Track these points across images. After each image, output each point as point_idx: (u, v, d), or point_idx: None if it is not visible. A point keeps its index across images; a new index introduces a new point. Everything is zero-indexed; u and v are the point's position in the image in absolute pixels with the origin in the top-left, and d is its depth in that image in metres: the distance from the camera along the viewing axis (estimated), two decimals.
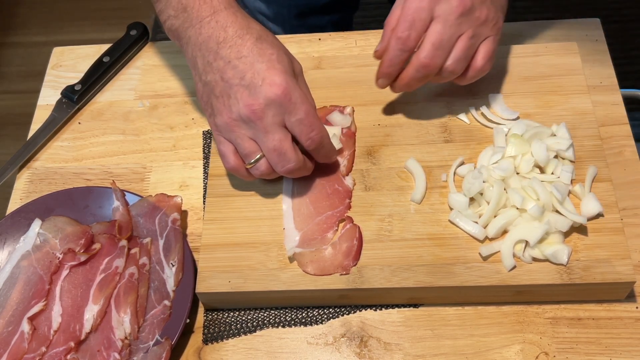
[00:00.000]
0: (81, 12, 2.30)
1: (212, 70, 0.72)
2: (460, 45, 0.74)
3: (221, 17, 0.72)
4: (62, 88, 0.93)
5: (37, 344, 0.72)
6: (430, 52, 0.73)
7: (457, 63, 0.74)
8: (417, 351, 0.71)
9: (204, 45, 0.72)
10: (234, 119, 0.71)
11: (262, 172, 0.74)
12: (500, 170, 0.75)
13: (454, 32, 0.73)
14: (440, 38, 0.72)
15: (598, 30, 0.92)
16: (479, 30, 0.74)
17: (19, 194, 0.87)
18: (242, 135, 0.72)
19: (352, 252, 0.73)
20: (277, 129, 0.70)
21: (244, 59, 0.70)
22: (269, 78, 0.69)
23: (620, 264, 0.70)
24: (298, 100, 0.70)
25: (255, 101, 0.69)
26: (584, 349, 0.70)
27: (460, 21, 0.73)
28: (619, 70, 0.89)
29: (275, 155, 0.72)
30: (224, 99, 0.71)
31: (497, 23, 0.76)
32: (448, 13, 0.72)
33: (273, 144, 0.71)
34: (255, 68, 0.70)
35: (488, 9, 0.74)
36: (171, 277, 0.75)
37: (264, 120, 0.70)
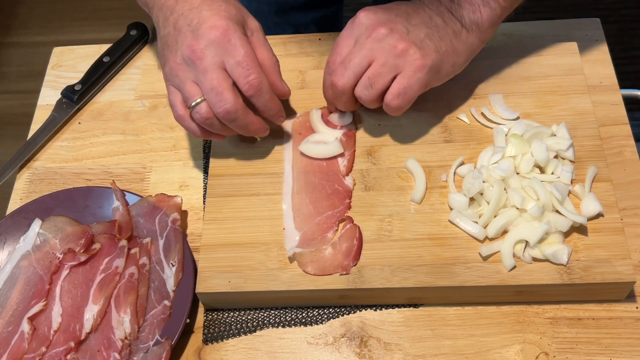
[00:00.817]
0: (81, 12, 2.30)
1: (168, 24, 0.75)
2: (368, 73, 0.73)
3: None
4: (62, 88, 0.93)
5: (37, 344, 0.72)
6: (339, 71, 0.74)
7: (362, 89, 0.74)
8: (417, 351, 0.71)
9: (165, 4, 0.76)
10: (178, 63, 0.73)
11: (202, 116, 0.74)
12: (500, 170, 0.75)
13: (365, 55, 0.73)
14: (350, 58, 0.73)
15: (598, 30, 0.92)
16: (394, 61, 0.72)
17: (19, 194, 0.87)
18: (185, 79, 0.74)
19: (352, 252, 0.73)
20: (216, 69, 0.72)
21: (194, 9, 0.74)
22: (211, 21, 0.72)
23: (620, 264, 0.70)
24: (237, 42, 0.72)
25: (196, 42, 0.72)
26: (584, 349, 0.70)
27: (374, 46, 0.72)
28: (619, 70, 0.89)
29: (213, 95, 0.72)
30: (172, 46, 0.74)
31: (422, 59, 0.72)
32: (363, 37, 0.73)
33: (211, 83, 0.72)
34: (202, 14, 0.73)
35: (409, 42, 0.72)
36: (171, 277, 0.75)
37: (203, 60, 0.72)
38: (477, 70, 0.85)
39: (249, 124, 0.75)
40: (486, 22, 0.76)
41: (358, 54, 0.73)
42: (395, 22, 0.73)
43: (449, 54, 0.75)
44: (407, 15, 0.74)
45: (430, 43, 0.74)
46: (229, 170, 0.81)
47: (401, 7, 0.75)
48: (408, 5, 0.76)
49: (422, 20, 0.74)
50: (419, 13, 0.75)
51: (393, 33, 0.72)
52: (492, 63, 0.86)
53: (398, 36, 0.72)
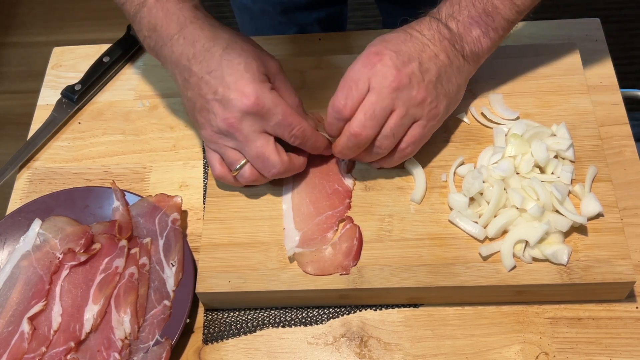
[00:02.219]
0: (81, 12, 2.30)
1: (189, 87, 0.73)
2: (390, 123, 0.72)
3: (188, 32, 0.73)
4: (62, 88, 0.93)
5: (37, 344, 0.72)
6: (362, 122, 0.71)
7: (384, 139, 0.73)
8: (417, 351, 0.71)
9: (178, 63, 0.74)
10: (215, 132, 0.73)
11: (248, 178, 0.75)
12: (500, 170, 0.75)
13: (387, 106, 0.71)
14: (373, 109, 0.71)
15: (598, 30, 0.92)
16: (413, 110, 0.72)
17: (19, 194, 0.87)
18: (225, 147, 0.74)
19: (352, 252, 0.73)
20: (257, 137, 0.72)
21: (214, 72, 0.71)
22: (239, 90, 0.70)
23: (620, 264, 0.70)
24: (271, 105, 0.71)
25: (231, 114, 0.71)
26: (584, 349, 0.70)
27: (395, 96, 0.71)
28: (619, 70, 0.89)
29: (259, 162, 0.73)
30: (204, 113, 0.73)
31: (436, 108, 0.73)
32: (383, 86, 0.70)
33: (255, 152, 0.72)
34: (225, 81, 0.71)
35: (427, 91, 0.72)
36: (171, 277, 0.75)
37: (242, 131, 0.71)
38: (477, 70, 0.85)
39: (296, 169, 0.77)
40: (485, 52, 0.75)
41: (381, 103, 0.70)
42: (410, 67, 0.71)
43: (454, 93, 0.75)
44: (419, 57, 0.72)
45: (442, 88, 0.73)
46: None
47: (409, 46, 0.72)
48: (413, 42, 0.73)
49: (432, 61, 0.72)
50: (426, 53, 0.72)
51: (411, 83, 0.71)
52: (492, 63, 0.86)
53: (416, 86, 0.71)
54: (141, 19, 0.75)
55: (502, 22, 0.74)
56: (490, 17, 0.74)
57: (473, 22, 0.74)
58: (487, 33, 0.74)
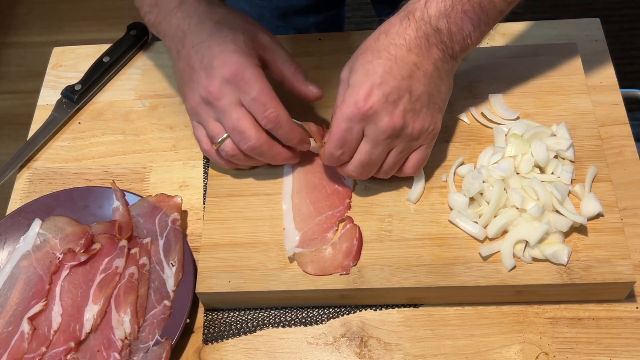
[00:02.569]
0: (81, 12, 2.30)
1: (181, 58, 0.75)
2: (390, 160, 0.73)
3: (186, 6, 0.75)
4: (62, 88, 0.93)
5: (37, 344, 0.72)
6: (359, 169, 0.73)
7: (385, 174, 0.74)
8: (417, 351, 0.71)
9: (174, 35, 0.75)
10: (197, 102, 0.74)
11: (228, 153, 0.75)
12: (500, 170, 0.75)
13: (383, 151, 0.71)
14: (369, 158, 0.71)
15: (598, 30, 0.92)
16: (411, 144, 0.72)
17: (19, 194, 0.87)
18: (207, 117, 0.74)
19: (352, 252, 0.73)
20: (235, 108, 0.72)
21: (203, 43, 0.73)
22: (222, 59, 0.71)
23: (620, 264, 0.70)
24: (251, 78, 0.71)
25: (211, 82, 0.72)
26: (584, 349, 0.70)
27: (390, 141, 0.71)
28: (619, 70, 0.88)
29: (235, 134, 0.73)
30: (189, 84, 0.74)
31: (434, 129, 0.73)
32: (377, 134, 0.70)
33: (232, 123, 0.72)
34: (212, 51, 0.72)
35: (422, 120, 0.71)
36: (171, 277, 0.75)
37: (221, 100, 0.72)
38: (477, 70, 0.85)
39: (276, 155, 0.76)
40: (473, 46, 0.73)
41: (375, 151, 0.71)
42: (402, 106, 0.69)
43: (445, 99, 0.74)
44: (409, 88, 0.69)
45: (434, 105, 0.72)
46: (229, 170, 0.81)
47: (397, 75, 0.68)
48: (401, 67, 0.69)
49: (421, 82, 0.69)
50: (414, 76, 0.69)
51: (405, 122, 0.70)
52: (492, 63, 0.86)
53: (411, 122, 0.70)
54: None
55: (495, 14, 0.71)
56: (485, 10, 0.70)
57: (466, 17, 0.69)
58: (478, 27, 0.71)
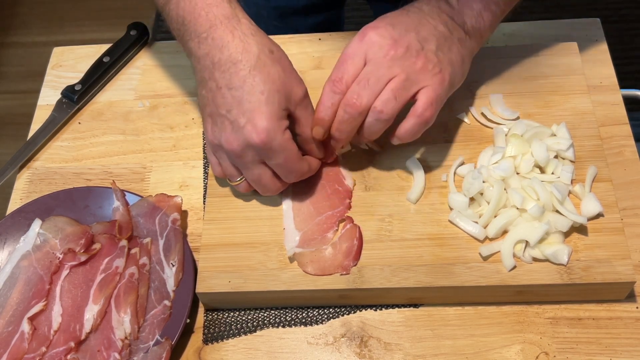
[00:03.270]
0: (81, 12, 2.30)
1: (206, 88, 0.72)
2: (390, 86, 0.69)
3: (217, 34, 0.70)
4: (62, 88, 0.93)
5: (37, 344, 0.72)
6: (356, 90, 0.69)
7: (385, 103, 0.69)
8: (417, 351, 0.71)
9: (202, 60, 0.71)
10: (216, 145, 0.73)
11: (245, 190, 0.77)
12: (500, 170, 0.75)
13: (384, 74, 0.69)
14: (368, 77, 0.69)
15: (598, 30, 0.92)
16: (415, 76, 0.69)
17: (19, 194, 0.87)
18: (225, 159, 0.74)
19: (352, 252, 0.73)
20: (256, 166, 0.72)
21: (234, 91, 0.69)
22: (252, 122, 0.68)
23: (620, 264, 0.70)
24: (278, 148, 0.69)
25: (235, 140, 0.70)
26: (584, 349, 0.70)
27: (392, 64, 0.69)
28: (619, 70, 0.89)
29: (255, 185, 0.75)
30: (211, 121, 0.72)
31: (441, 73, 0.70)
32: (379, 55, 0.69)
33: (252, 177, 0.74)
34: (242, 107, 0.68)
35: (427, 58, 0.70)
36: (171, 277, 0.75)
37: (242, 158, 0.71)
38: (477, 70, 0.85)
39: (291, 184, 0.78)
40: (487, 27, 0.74)
41: (376, 72, 0.69)
42: (407, 38, 0.70)
43: (459, 63, 0.73)
44: (416, 29, 0.71)
45: (443, 56, 0.71)
46: None
47: (406, 19, 0.72)
48: (411, 16, 0.72)
49: (430, 32, 0.71)
50: (424, 25, 0.72)
51: (410, 50, 0.69)
52: (492, 63, 0.86)
53: (415, 52, 0.69)
54: (169, 11, 0.73)
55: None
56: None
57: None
58: (488, 6, 0.73)
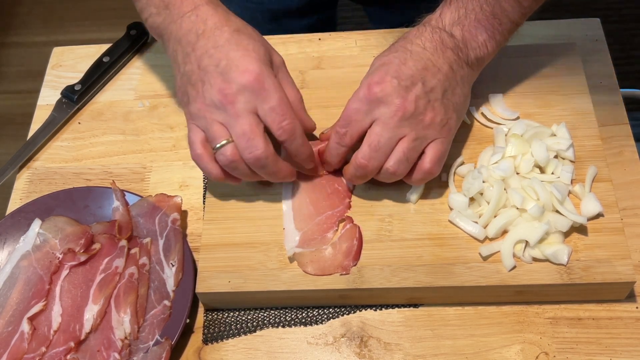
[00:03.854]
0: (81, 12, 2.30)
1: (189, 61, 0.73)
2: (401, 147, 0.70)
3: (201, 11, 0.73)
4: (62, 88, 0.93)
5: (37, 344, 0.72)
6: (367, 153, 0.71)
7: (397, 165, 0.71)
8: (417, 351, 0.71)
9: (184, 38, 0.73)
10: (206, 105, 0.71)
11: (227, 158, 0.71)
12: (500, 170, 0.75)
13: (394, 135, 0.70)
14: (378, 140, 0.70)
15: (598, 30, 0.92)
16: (424, 132, 0.71)
17: (19, 194, 0.87)
18: (213, 120, 0.72)
19: (352, 252, 0.73)
20: (248, 114, 0.70)
21: (220, 48, 0.71)
22: (243, 65, 0.70)
23: (620, 264, 0.70)
24: (271, 87, 0.70)
25: (228, 86, 0.70)
26: (584, 349, 0.70)
27: (400, 124, 0.69)
28: (619, 70, 0.89)
29: (243, 140, 0.70)
30: (198, 86, 0.72)
31: (448, 124, 0.72)
32: (387, 117, 0.69)
33: (242, 128, 0.70)
34: (230, 56, 0.70)
35: (434, 111, 0.70)
36: (171, 277, 0.75)
37: (235, 105, 0.70)
38: None
39: (278, 171, 0.73)
40: (490, 55, 0.74)
41: (386, 134, 0.70)
42: (414, 92, 0.70)
43: (462, 104, 0.74)
44: (422, 78, 0.70)
45: (448, 102, 0.72)
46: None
47: (410, 68, 0.71)
48: (414, 61, 0.71)
49: (435, 78, 0.71)
50: (429, 70, 0.71)
51: (417, 108, 0.70)
52: (492, 63, 0.86)
53: (423, 108, 0.70)
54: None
55: (508, 24, 0.73)
56: (498, 19, 0.72)
57: (480, 26, 0.72)
58: (493, 36, 0.73)
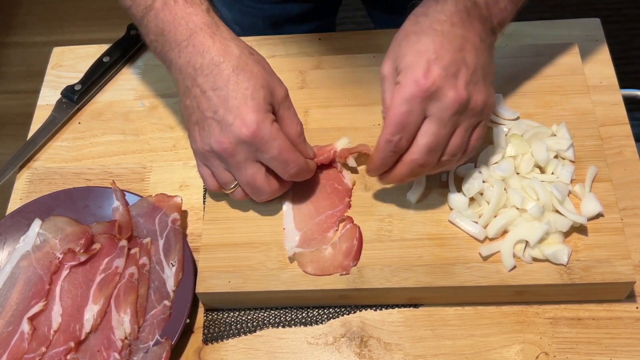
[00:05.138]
0: (81, 12, 2.30)
1: (189, 96, 0.71)
2: (456, 141, 0.68)
3: (198, 40, 0.70)
4: (62, 88, 0.93)
5: (37, 344, 0.72)
6: (425, 154, 0.67)
7: (450, 157, 0.69)
8: (417, 351, 0.71)
9: (183, 69, 0.71)
10: (206, 150, 0.71)
11: (241, 199, 0.75)
12: (501, 170, 0.75)
13: (450, 130, 0.67)
14: (437, 140, 0.67)
15: (598, 30, 0.92)
16: (475, 119, 0.68)
17: (19, 194, 0.87)
18: (217, 166, 0.73)
19: (352, 252, 0.73)
20: (249, 165, 0.71)
21: (218, 91, 0.69)
22: (240, 117, 0.68)
23: (620, 264, 0.70)
24: (269, 138, 0.68)
25: (226, 139, 0.69)
26: (584, 349, 0.70)
27: (457, 117, 0.66)
28: (619, 70, 0.88)
29: (249, 189, 0.73)
30: (198, 128, 0.71)
31: (493, 102, 0.70)
32: (443, 111, 0.65)
33: (246, 179, 0.72)
34: (228, 104, 0.68)
35: (481, 92, 0.67)
36: (171, 277, 0.75)
37: (235, 157, 0.70)
38: None
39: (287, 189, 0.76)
40: (509, 18, 0.71)
41: (442, 131, 0.66)
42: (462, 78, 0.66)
43: (493, 72, 0.71)
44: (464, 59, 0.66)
45: (487, 78, 0.69)
46: None
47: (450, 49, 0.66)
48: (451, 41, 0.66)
49: (472, 55, 0.67)
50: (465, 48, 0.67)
51: (470, 94, 0.66)
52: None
53: (474, 95, 0.67)
54: (148, 23, 0.72)
55: None
56: None
57: None
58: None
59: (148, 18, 0.72)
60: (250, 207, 0.78)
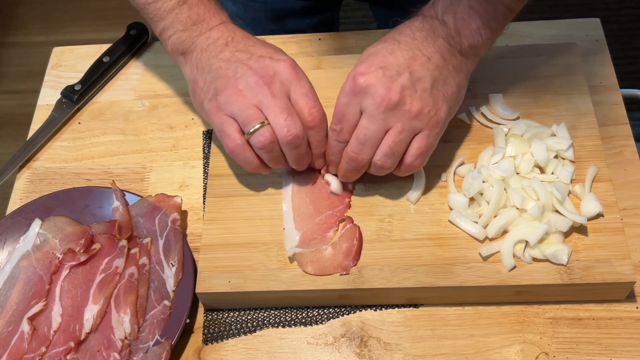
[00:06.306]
0: (81, 12, 2.30)
1: (218, 60, 0.75)
2: (387, 141, 0.70)
3: (230, 25, 0.77)
4: (62, 88, 0.93)
5: (37, 344, 0.72)
6: (356, 147, 0.71)
7: (384, 158, 0.71)
8: (417, 351, 0.71)
9: (212, 45, 0.76)
10: (239, 89, 0.72)
11: (266, 139, 0.71)
12: (500, 170, 0.75)
13: (380, 127, 0.70)
14: (364, 133, 0.70)
15: (598, 30, 0.92)
16: (410, 124, 0.70)
17: (19, 194, 0.87)
18: (247, 104, 0.72)
19: (352, 252, 0.73)
20: (284, 97, 0.73)
21: (251, 47, 0.75)
22: (276, 55, 0.74)
23: (620, 264, 0.70)
24: (303, 76, 0.73)
25: (264, 70, 0.72)
26: (584, 349, 0.70)
27: (386, 116, 0.69)
28: (619, 70, 0.89)
29: (282, 118, 0.71)
30: (229, 76, 0.73)
31: (436, 115, 0.70)
32: (373, 108, 0.69)
33: (281, 106, 0.71)
34: (263, 50, 0.74)
35: (422, 101, 0.69)
36: (171, 277, 0.75)
37: (272, 86, 0.72)
38: (477, 70, 0.85)
39: (305, 155, 0.75)
40: (485, 44, 0.73)
41: (372, 126, 0.70)
42: (400, 81, 0.69)
43: (454, 95, 0.73)
44: (409, 67, 0.70)
45: (439, 93, 0.71)
46: (228, 170, 0.81)
47: (397, 58, 0.70)
48: (402, 51, 0.71)
49: (424, 67, 0.70)
50: (417, 59, 0.70)
51: (403, 98, 0.69)
52: (492, 63, 0.86)
53: (409, 99, 0.69)
54: (177, 15, 0.77)
55: (503, 10, 0.71)
56: (492, 5, 0.70)
57: (473, 12, 0.71)
58: (487, 23, 0.71)
59: (180, 10, 0.77)
60: (250, 207, 0.78)
